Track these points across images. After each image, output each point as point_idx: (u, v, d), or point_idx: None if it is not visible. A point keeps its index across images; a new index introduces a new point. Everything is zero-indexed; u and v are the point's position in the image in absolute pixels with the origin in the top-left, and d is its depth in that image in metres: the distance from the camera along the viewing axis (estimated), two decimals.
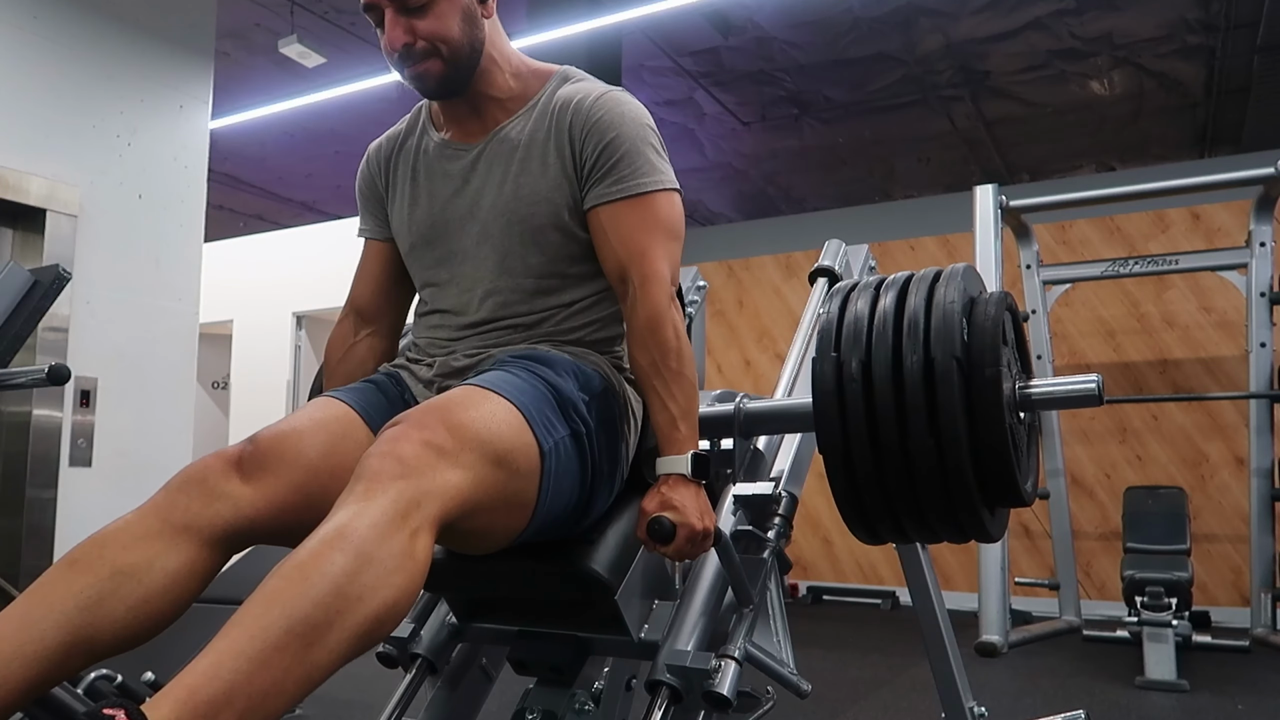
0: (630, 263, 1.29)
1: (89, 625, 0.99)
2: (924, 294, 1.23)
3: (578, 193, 1.34)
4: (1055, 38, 5.07)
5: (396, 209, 1.46)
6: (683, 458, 1.23)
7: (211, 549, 1.09)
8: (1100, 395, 1.21)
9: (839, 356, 1.24)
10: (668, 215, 1.33)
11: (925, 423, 1.16)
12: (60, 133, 3.36)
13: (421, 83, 1.33)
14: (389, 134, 1.52)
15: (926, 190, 7.15)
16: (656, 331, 1.26)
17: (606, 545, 1.28)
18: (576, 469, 1.21)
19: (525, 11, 5.02)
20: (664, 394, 1.26)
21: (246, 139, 6.32)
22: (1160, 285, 5.33)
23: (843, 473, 1.24)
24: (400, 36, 1.28)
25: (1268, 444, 4.20)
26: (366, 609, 0.90)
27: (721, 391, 1.87)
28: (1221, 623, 4.40)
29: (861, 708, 2.96)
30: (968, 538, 1.26)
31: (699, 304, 2.43)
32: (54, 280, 2.35)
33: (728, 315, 6.54)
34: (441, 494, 1.00)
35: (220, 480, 1.12)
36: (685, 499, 1.21)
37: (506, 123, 1.38)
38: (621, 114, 1.33)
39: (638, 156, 1.32)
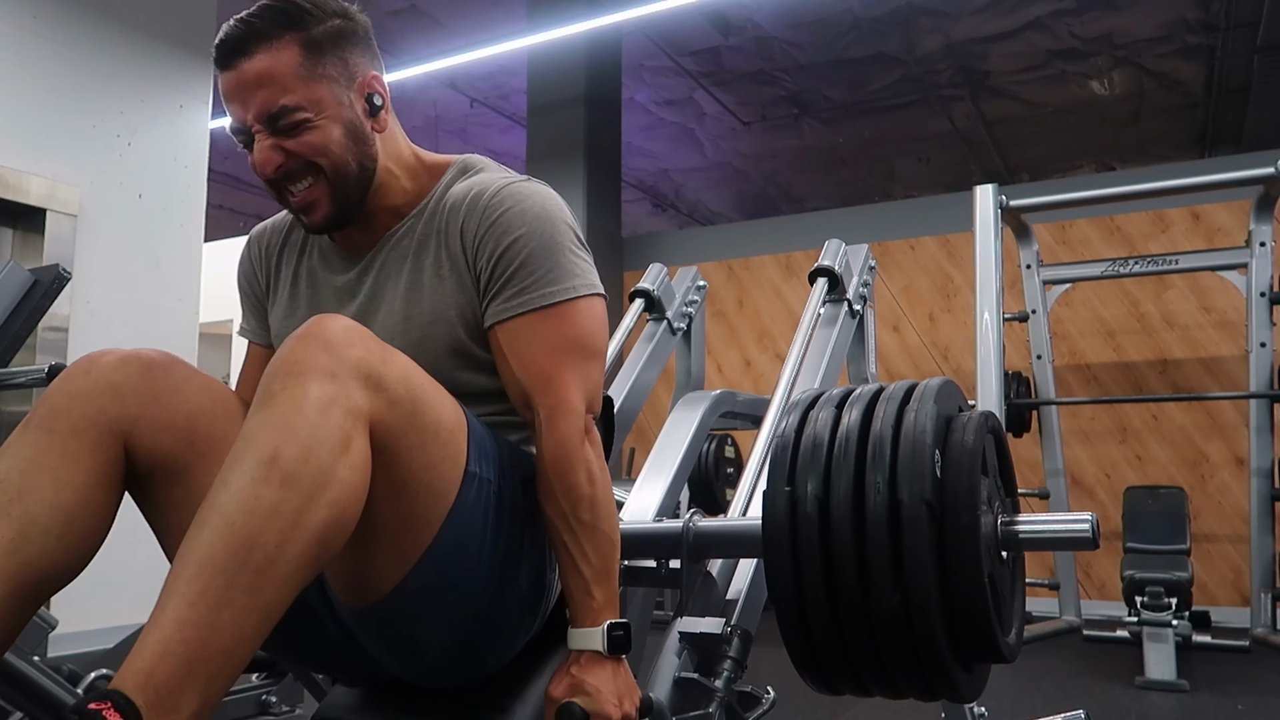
0: (535, 390, 1.08)
1: (24, 565, 0.93)
2: (892, 416, 1.07)
3: (476, 306, 1.13)
4: (1055, 38, 5.07)
5: (275, 316, 1.28)
6: (597, 630, 1.05)
7: (108, 448, 1.00)
8: (1095, 538, 1.05)
9: (793, 490, 1.07)
10: (582, 329, 1.11)
11: (890, 574, 1.01)
12: (60, 133, 3.36)
13: (309, 217, 1.14)
14: (274, 222, 1.32)
15: (926, 190, 7.16)
16: (566, 475, 1.05)
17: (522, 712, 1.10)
18: (489, 535, 1.03)
19: (525, 11, 5.02)
20: (575, 552, 1.05)
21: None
22: (1160, 285, 5.33)
23: (794, 623, 1.08)
24: (272, 159, 1.09)
25: (1268, 444, 4.19)
26: (304, 537, 0.83)
27: (721, 392, 1.88)
28: (1221, 623, 4.40)
29: (862, 708, 2.96)
30: (937, 697, 1.13)
31: (699, 304, 2.44)
32: (54, 280, 2.34)
33: (728, 315, 6.54)
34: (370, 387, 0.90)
35: (106, 370, 1.02)
36: (600, 681, 1.03)
37: (397, 228, 1.19)
38: (524, 210, 1.12)
39: (544, 260, 1.10)
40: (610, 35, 5.18)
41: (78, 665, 2.21)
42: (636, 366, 2.11)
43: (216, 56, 1.09)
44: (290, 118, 1.08)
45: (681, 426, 1.74)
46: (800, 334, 1.85)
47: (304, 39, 1.08)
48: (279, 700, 2.68)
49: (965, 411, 1.14)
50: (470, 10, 5.50)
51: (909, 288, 5.86)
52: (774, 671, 1.34)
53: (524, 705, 1.10)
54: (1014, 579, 1.15)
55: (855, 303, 2.07)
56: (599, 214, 5.85)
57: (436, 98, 6.49)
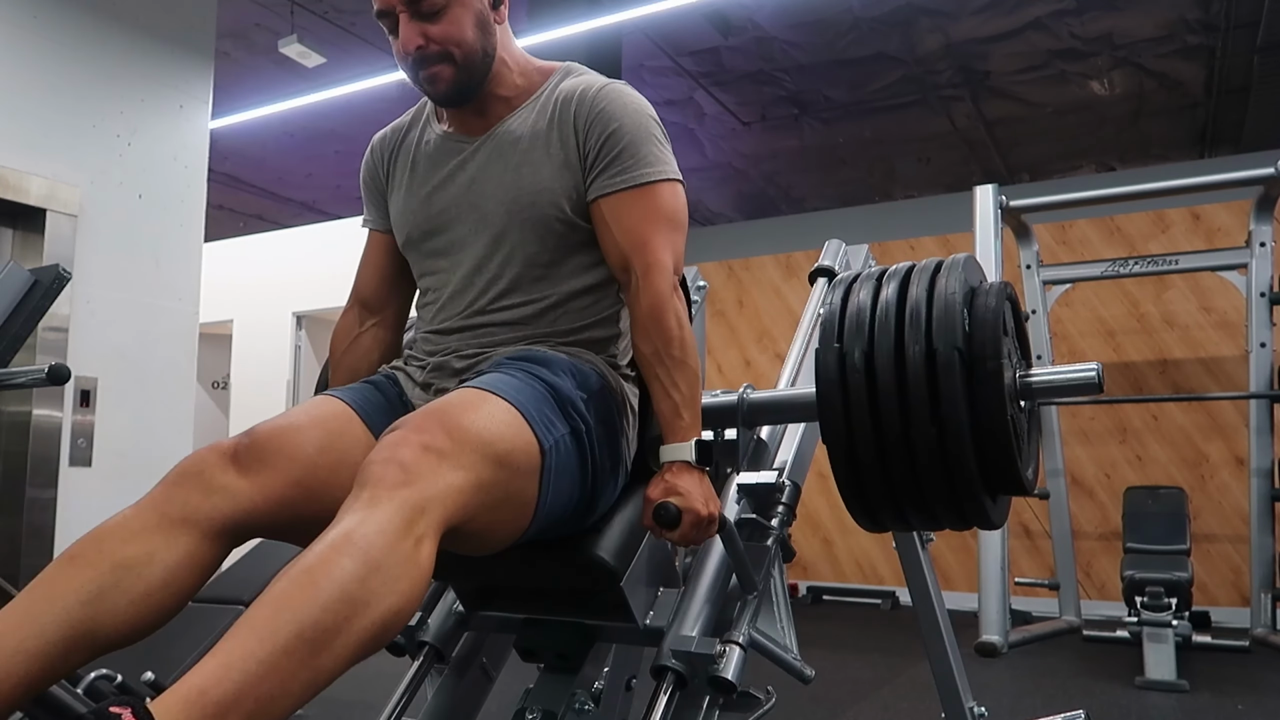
0: (633, 252, 1.30)
1: (90, 620, 0.99)
2: (925, 284, 1.24)
3: (581, 184, 1.33)
4: (1055, 38, 5.07)
5: (395, 200, 1.46)
6: (686, 445, 1.24)
7: (210, 541, 1.09)
8: (1100, 383, 1.22)
9: (841, 347, 1.25)
10: (670, 205, 1.33)
11: (928, 412, 1.17)
12: (60, 133, 3.36)
13: (433, 86, 1.33)
14: (394, 125, 1.52)
15: (926, 190, 7.15)
16: (659, 320, 1.27)
17: (612, 533, 1.29)
18: (577, 467, 1.21)
19: (525, 11, 5.02)
20: (667, 382, 1.26)
21: (246, 139, 6.32)
22: (1160, 285, 5.33)
23: (846, 461, 1.25)
24: (414, 39, 1.28)
25: (1268, 444, 4.20)
26: (373, 615, 0.90)
27: (722, 391, 1.88)
28: (1221, 623, 4.40)
29: (861, 708, 2.96)
30: (969, 525, 1.27)
31: (699, 304, 2.43)
32: (54, 280, 2.35)
33: (728, 315, 6.54)
34: (444, 499, 1.00)
35: (217, 473, 1.12)
36: (690, 485, 1.21)
37: (509, 116, 1.39)
38: (624, 105, 1.34)
39: (640, 147, 1.32)
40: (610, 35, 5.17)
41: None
42: None
43: None
44: (430, 1, 1.27)
45: None
46: (800, 334, 1.86)
47: None
48: None
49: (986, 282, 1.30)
50: None
51: None
52: (774, 671, 1.34)
53: (613, 529, 1.29)
54: (1030, 426, 1.33)
55: None
56: None
57: None
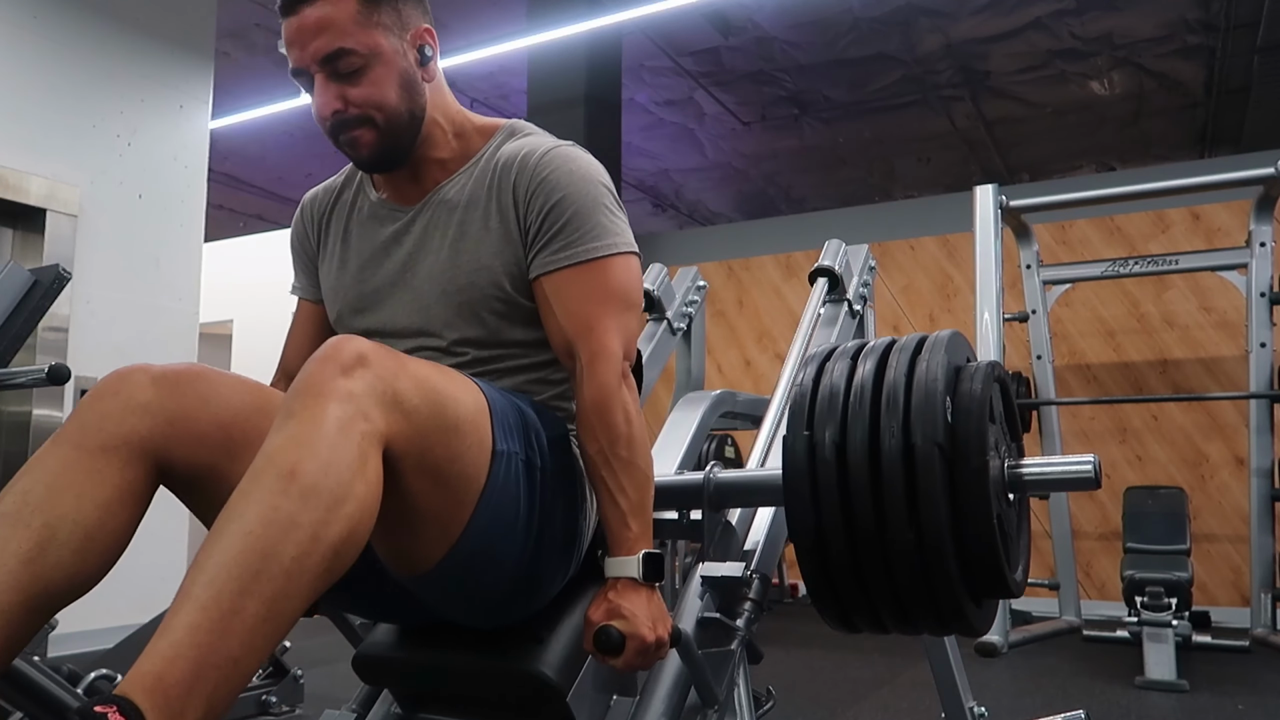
0: (577, 338, 1.17)
1: (37, 577, 0.95)
2: (904, 366, 1.13)
3: (522, 258, 1.21)
4: (1055, 38, 5.07)
5: (325, 271, 1.36)
6: (633, 559, 1.12)
7: (135, 466, 1.02)
8: (1098, 477, 1.11)
9: (811, 435, 1.13)
10: (621, 282, 1.20)
11: (904, 512, 1.06)
12: (60, 133, 3.36)
13: (355, 151, 1.22)
14: (325, 185, 1.41)
15: (926, 190, 7.16)
16: (605, 415, 1.14)
17: (557, 643, 1.17)
18: (523, 503, 1.09)
19: (525, 11, 5.02)
20: (613, 486, 1.13)
21: (246, 139, 6.32)
22: (1160, 285, 5.33)
23: (814, 560, 1.14)
24: (331, 103, 1.17)
25: (1268, 444, 4.19)
26: (318, 550, 0.85)
27: (721, 392, 1.88)
28: (1221, 623, 4.40)
29: (861, 708, 2.96)
30: (951, 632, 1.18)
31: (699, 304, 2.43)
32: (54, 280, 2.34)
33: (728, 315, 6.54)
34: (389, 406, 0.93)
35: (136, 390, 1.05)
36: (636, 606, 1.10)
37: (445, 183, 1.27)
38: (570, 171, 1.21)
39: (587, 218, 1.20)
40: (610, 35, 5.18)
41: (78, 665, 2.21)
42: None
43: (281, 3, 1.17)
44: (347, 60, 1.16)
45: (681, 426, 1.74)
46: (800, 334, 1.85)
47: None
48: (279, 700, 2.69)
49: (973, 362, 1.20)
50: (470, 10, 5.50)
51: (909, 288, 5.86)
52: (774, 672, 1.34)
53: (559, 636, 1.18)
54: (1019, 519, 1.22)
55: (855, 303, 2.07)
56: None
57: None
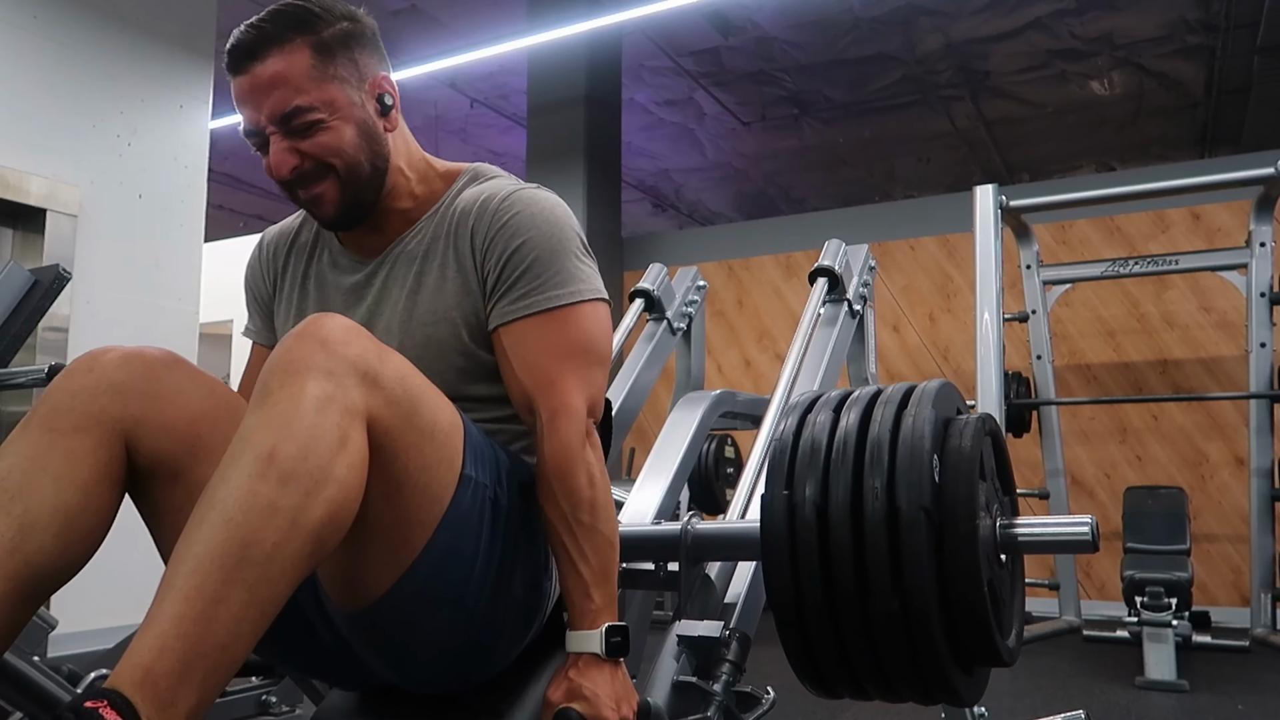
0: (537, 393, 1.09)
1: (24, 564, 0.93)
2: (890, 420, 1.07)
3: (481, 309, 1.14)
4: (1055, 38, 5.07)
5: (281, 319, 1.29)
6: (596, 633, 1.05)
7: (108, 447, 0.99)
8: (1095, 540, 1.05)
9: (791, 494, 1.07)
10: (586, 333, 1.13)
11: (889, 579, 1.00)
12: (60, 133, 3.36)
13: (318, 209, 1.15)
14: (282, 227, 1.34)
15: (926, 190, 7.16)
16: (566, 478, 1.06)
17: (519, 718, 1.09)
18: (484, 541, 1.02)
19: (525, 11, 5.02)
20: (574, 554, 1.06)
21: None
22: (1160, 285, 5.33)
23: (792, 627, 1.08)
24: (287, 160, 1.10)
25: (1268, 444, 4.19)
26: (301, 533, 0.83)
27: (721, 392, 1.88)
28: (1221, 623, 4.40)
29: (861, 708, 2.96)
30: (938, 703, 1.12)
31: (699, 304, 2.44)
32: (54, 280, 2.34)
33: (728, 315, 6.54)
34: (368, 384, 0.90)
35: (109, 369, 1.01)
36: (598, 685, 1.03)
37: (407, 233, 1.21)
38: (533, 215, 1.14)
39: (550, 264, 1.12)
40: (610, 35, 5.18)
41: (78, 665, 2.21)
42: (636, 366, 2.11)
43: (228, 62, 1.10)
44: (304, 118, 1.09)
45: (681, 426, 1.74)
46: (800, 334, 1.85)
47: (314, 42, 1.10)
48: (279, 700, 2.69)
49: (963, 414, 1.13)
50: (470, 10, 5.50)
51: (909, 288, 5.86)
52: (774, 671, 1.34)
53: (521, 710, 1.09)
54: (1013, 581, 1.15)
55: (855, 303, 2.07)
56: (599, 214, 5.86)
57: (437, 98, 6.49)
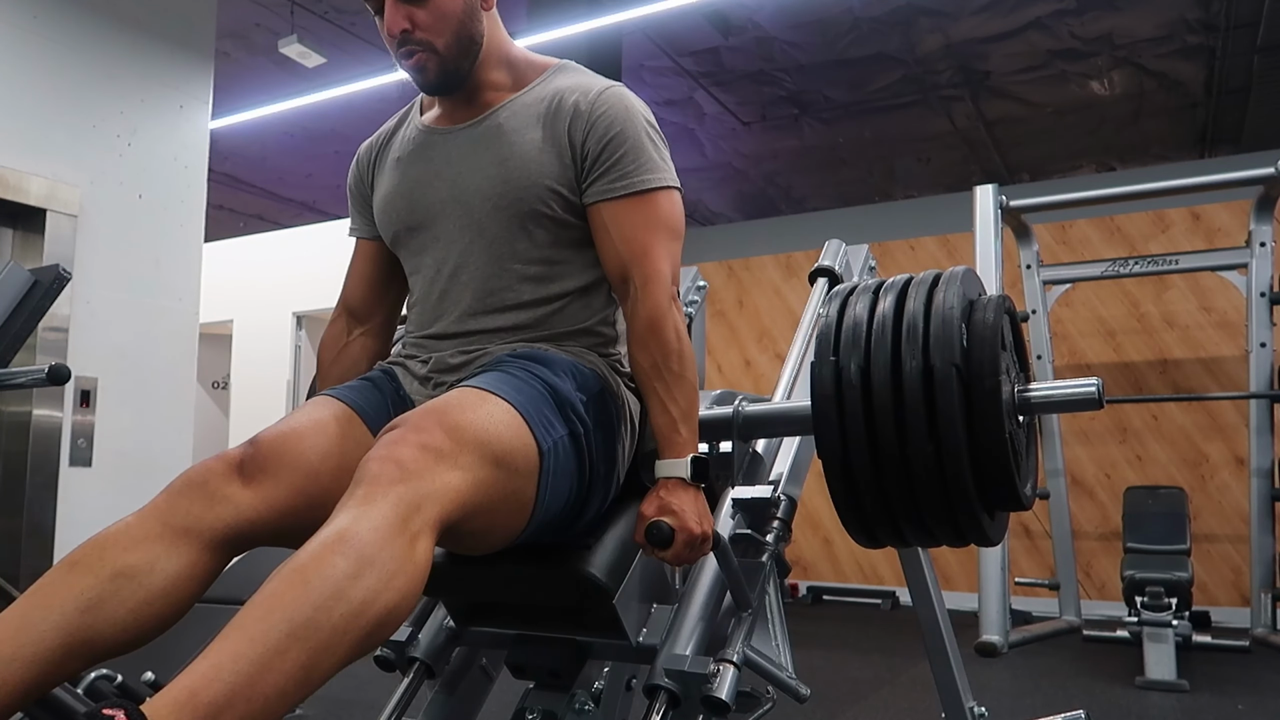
0: (632, 262, 1.27)
1: (89, 627, 0.99)
2: (923, 298, 1.22)
3: (574, 182, 1.30)
4: (1055, 38, 5.07)
5: (379, 198, 1.43)
6: (682, 461, 1.22)
7: (212, 552, 1.09)
8: (1100, 398, 1.20)
9: (837, 361, 1.22)
10: (669, 214, 1.31)
11: (924, 429, 1.15)
12: (60, 133, 3.36)
13: (420, 75, 1.30)
14: (380, 131, 1.50)
15: (926, 190, 7.15)
16: (658, 332, 1.25)
17: (604, 550, 1.27)
18: (574, 469, 1.19)
19: (525, 11, 5.02)
20: (665, 396, 1.24)
21: (246, 139, 6.32)
22: (1160, 285, 5.33)
23: (841, 477, 1.22)
24: (399, 23, 1.26)
25: (1268, 444, 4.20)
26: (368, 613, 0.89)
27: (721, 392, 1.87)
28: (1221, 623, 4.40)
29: (861, 708, 2.96)
30: (967, 542, 1.26)
31: (699, 304, 2.43)
32: (54, 280, 2.35)
33: (728, 315, 6.54)
34: (441, 497, 1.00)
35: (221, 483, 1.11)
36: (684, 503, 1.19)
37: (498, 107, 1.35)
38: (627, 109, 1.31)
39: (640, 153, 1.30)
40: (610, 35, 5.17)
41: None
42: None
43: None
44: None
45: None
46: (800, 334, 1.85)
47: None
48: None
49: (984, 295, 1.28)
50: None
51: None
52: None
53: (605, 545, 1.27)
54: (1028, 440, 1.31)
55: None
56: None
57: None
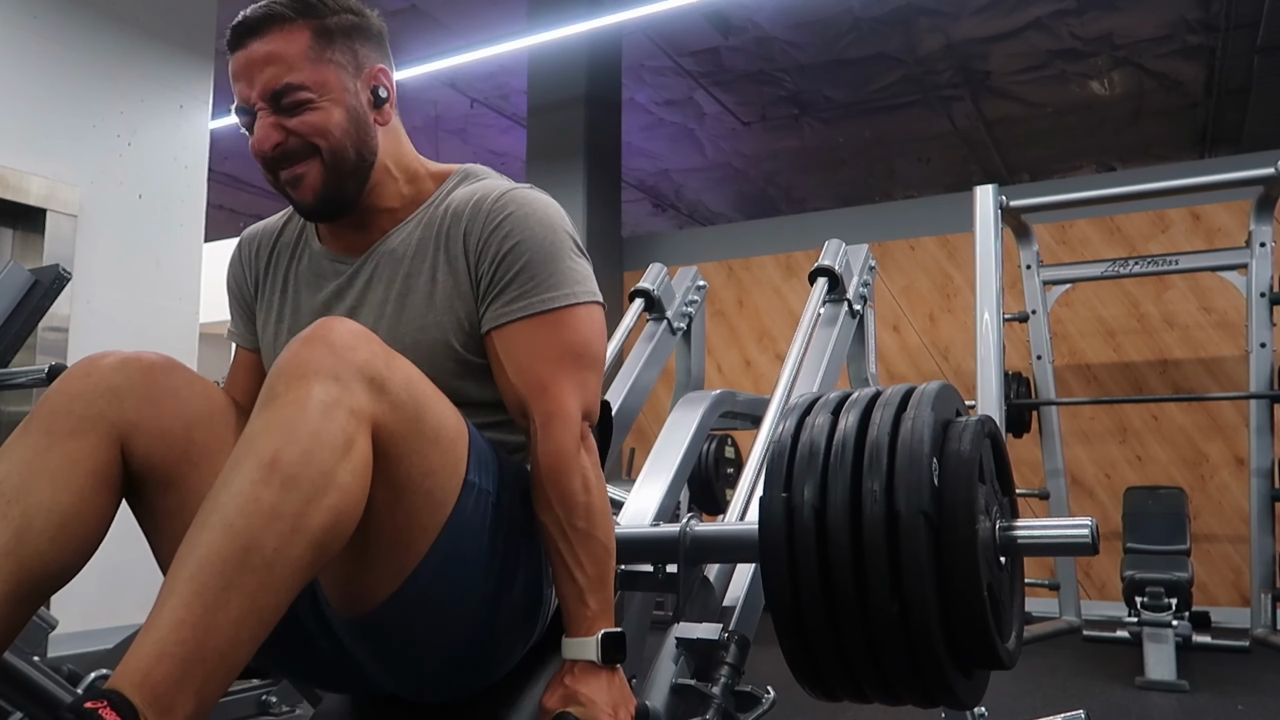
0: (531, 397, 1.08)
1: (19, 568, 0.93)
2: (889, 423, 1.06)
3: (474, 312, 1.12)
4: (1055, 38, 5.07)
5: (263, 323, 1.27)
6: (591, 640, 1.04)
7: (107, 450, 0.99)
8: (1095, 544, 1.04)
9: (790, 497, 1.06)
10: (580, 336, 1.11)
11: (888, 583, 1.00)
12: (60, 133, 3.36)
13: (297, 191, 1.12)
14: (266, 226, 1.32)
15: (926, 190, 7.16)
16: (560, 483, 1.05)
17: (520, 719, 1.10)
18: (486, 545, 1.02)
19: (525, 11, 5.02)
20: (569, 561, 1.05)
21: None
22: (1160, 285, 5.33)
23: (792, 629, 1.07)
24: (271, 136, 1.10)
25: (1268, 444, 4.19)
26: (307, 535, 0.82)
27: (721, 391, 1.88)
28: (1221, 623, 4.39)
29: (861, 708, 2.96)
30: (937, 705, 1.12)
31: (699, 304, 2.44)
32: (54, 280, 2.34)
33: (728, 315, 6.54)
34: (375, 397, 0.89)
35: (107, 373, 1.01)
36: (594, 691, 1.03)
37: (392, 231, 1.18)
38: (527, 215, 1.12)
39: (544, 266, 1.11)
40: (610, 35, 5.18)
41: (78, 665, 2.21)
42: (636, 366, 2.11)
43: (230, 38, 1.13)
44: (294, 96, 1.09)
45: (681, 427, 1.74)
46: (800, 334, 1.85)
47: (316, 26, 1.11)
48: (279, 700, 2.69)
49: (963, 416, 1.12)
50: (470, 10, 5.50)
51: (909, 288, 5.86)
52: (774, 671, 1.34)
53: (519, 716, 1.09)
54: (1013, 583, 1.14)
55: (855, 303, 2.07)
56: (599, 214, 5.85)
57: (437, 98, 6.49)
